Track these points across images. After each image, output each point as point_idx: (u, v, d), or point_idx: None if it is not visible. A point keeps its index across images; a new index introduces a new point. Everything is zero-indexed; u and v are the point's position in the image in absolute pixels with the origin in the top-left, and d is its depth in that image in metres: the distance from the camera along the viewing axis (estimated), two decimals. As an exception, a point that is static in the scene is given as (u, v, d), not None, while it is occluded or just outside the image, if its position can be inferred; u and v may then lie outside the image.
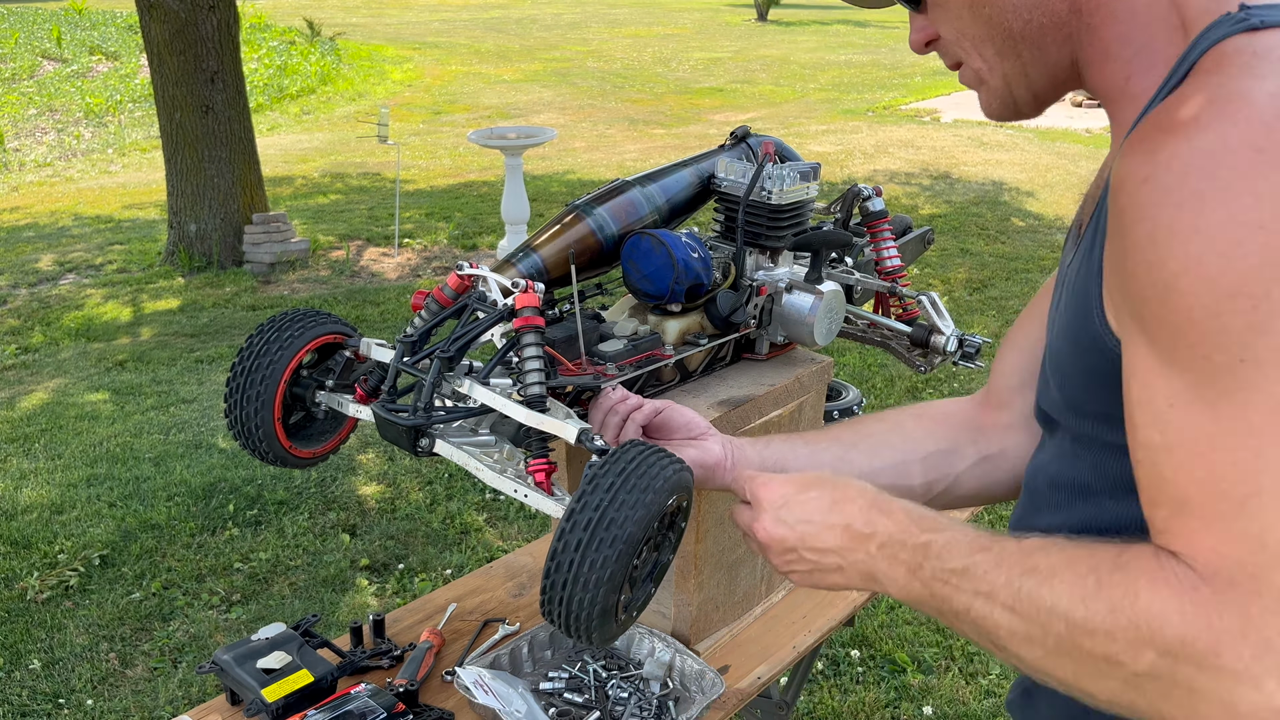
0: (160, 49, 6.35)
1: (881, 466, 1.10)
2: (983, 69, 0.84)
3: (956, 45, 0.84)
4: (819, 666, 2.83)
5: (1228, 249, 0.61)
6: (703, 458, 1.12)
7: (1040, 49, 0.80)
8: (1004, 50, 0.81)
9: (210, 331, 5.62)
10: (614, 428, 1.14)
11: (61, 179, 10.06)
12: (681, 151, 9.82)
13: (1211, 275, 0.61)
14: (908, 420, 1.15)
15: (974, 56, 0.83)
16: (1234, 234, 0.61)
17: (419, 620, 1.55)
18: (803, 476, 0.93)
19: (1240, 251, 0.60)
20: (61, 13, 19.57)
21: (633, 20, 23.76)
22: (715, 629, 1.49)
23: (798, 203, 1.37)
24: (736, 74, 15.96)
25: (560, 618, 0.96)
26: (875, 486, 0.90)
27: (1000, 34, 0.80)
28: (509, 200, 6.31)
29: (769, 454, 1.13)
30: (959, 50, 0.84)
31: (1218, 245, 0.61)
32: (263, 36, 17.17)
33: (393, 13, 24.24)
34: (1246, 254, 0.60)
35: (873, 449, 1.12)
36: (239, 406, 1.18)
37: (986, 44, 0.81)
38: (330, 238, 7.27)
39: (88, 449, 4.11)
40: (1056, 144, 10.27)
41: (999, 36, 0.80)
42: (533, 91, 14.32)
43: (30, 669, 2.81)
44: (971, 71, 0.86)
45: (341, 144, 11.17)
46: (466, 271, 1.15)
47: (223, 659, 1.34)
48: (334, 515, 3.58)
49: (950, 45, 0.85)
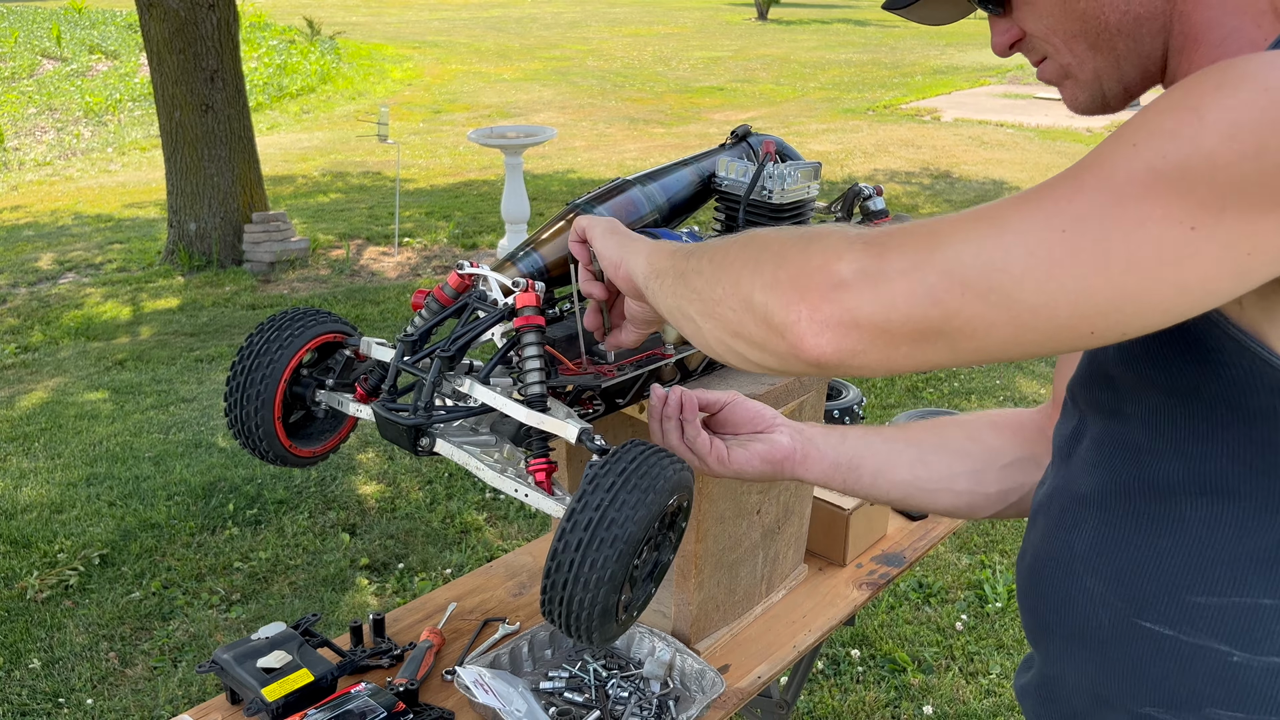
0: (160, 48, 6.34)
1: (961, 471, 1.11)
2: (1072, 64, 0.82)
3: (1045, 42, 0.82)
4: (819, 666, 2.83)
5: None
6: (770, 452, 1.12)
7: (1136, 40, 0.78)
8: (1098, 43, 0.79)
9: (210, 330, 5.62)
10: (674, 434, 1.14)
11: (61, 178, 10.06)
12: (682, 150, 9.82)
13: None
14: (985, 429, 1.14)
15: (1063, 52, 0.81)
16: None
17: (419, 620, 1.55)
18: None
19: None
20: (61, 12, 19.56)
21: (633, 19, 23.76)
22: (715, 628, 1.48)
23: (798, 202, 1.37)
24: (737, 73, 15.96)
25: (560, 617, 0.96)
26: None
27: (1095, 27, 0.78)
28: (509, 199, 6.30)
29: (844, 449, 1.13)
30: (1046, 46, 0.82)
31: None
32: (262, 35, 17.17)
33: (393, 11, 24.24)
34: None
35: (952, 454, 1.12)
36: (239, 405, 1.18)
37: (1079, 39, 0.79)
38: (330, 237, 7.27)
39: (87, 448, 4.11)
40: (1057, 143, 10.27)
41: (1093, 30, 0.78)
42: (533, 90, 14.32)
43: (30, 668, 2.81)
44: (1058, 67, 0.83)
45: (341, 143, 11.17)
46: (467, 270, 1.15)
47: (222, 658, 1.34)
48: (334, 514, 3.58)
49: (1037, 42, 0.83)
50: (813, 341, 0.70)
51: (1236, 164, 0.60)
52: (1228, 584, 0.74)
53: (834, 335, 0.69)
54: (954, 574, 3.24)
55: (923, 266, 0.66)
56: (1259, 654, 0.74)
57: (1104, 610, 0.81)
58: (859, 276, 0.68)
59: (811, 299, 0.70)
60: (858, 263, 0.68)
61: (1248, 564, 0.74)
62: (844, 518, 1.66)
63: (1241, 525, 0.74)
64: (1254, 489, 0.73)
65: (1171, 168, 0.61)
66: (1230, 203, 0.60)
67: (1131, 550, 0.80)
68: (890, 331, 0.67)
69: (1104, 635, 0.82)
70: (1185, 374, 0.75)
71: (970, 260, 0.65)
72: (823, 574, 1.67)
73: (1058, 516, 0.88)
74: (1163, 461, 0.78)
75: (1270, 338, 0.69)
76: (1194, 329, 0.72)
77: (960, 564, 3.30)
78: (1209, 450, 0.75)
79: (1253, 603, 0.73)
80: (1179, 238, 0.61)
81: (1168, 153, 0.61)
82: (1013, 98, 13.35)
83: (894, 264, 0.67)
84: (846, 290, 0.68)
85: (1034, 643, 0.92)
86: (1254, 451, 0.72)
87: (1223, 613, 0.75)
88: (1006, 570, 3.23)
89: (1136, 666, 0.80)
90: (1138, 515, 0.80)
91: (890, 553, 1.74)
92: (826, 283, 0.69)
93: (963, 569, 3.27)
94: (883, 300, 0.67)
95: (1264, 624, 0.73)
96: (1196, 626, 0.76)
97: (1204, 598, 0.76)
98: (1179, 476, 0.77)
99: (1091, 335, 0.65)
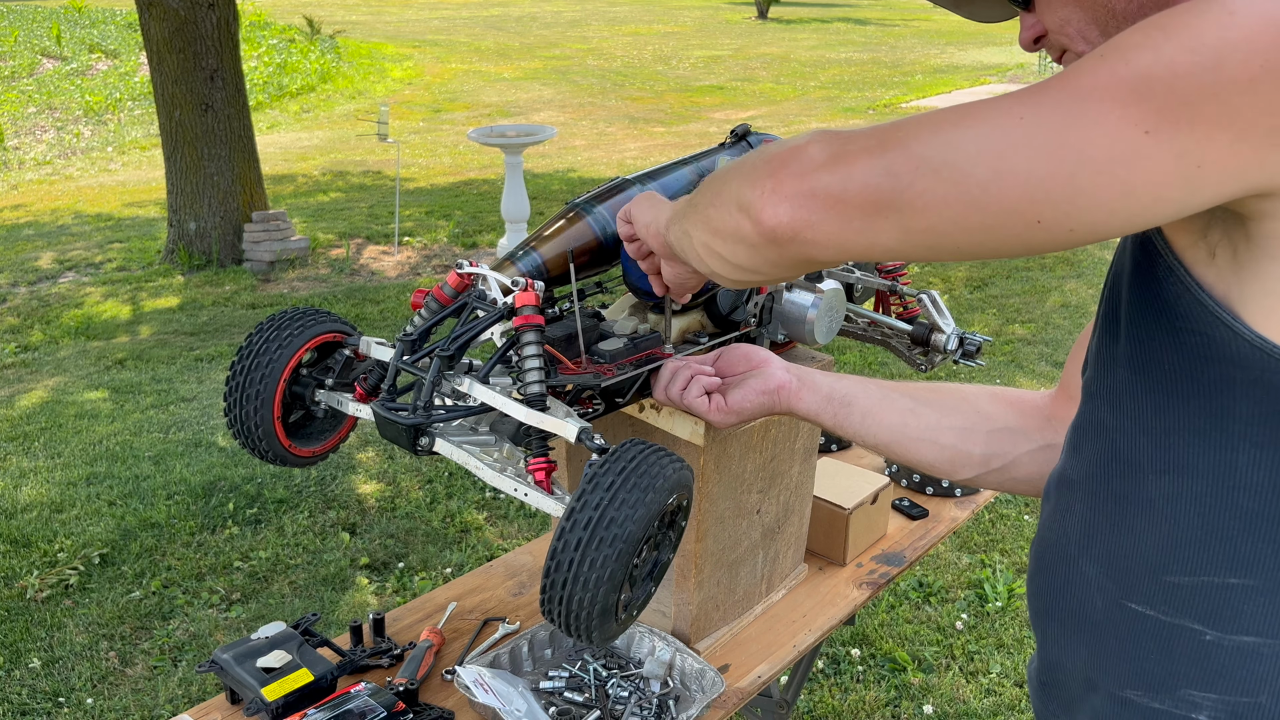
0: (160, 47, 6.34)
1: (949, 425, 1.13)
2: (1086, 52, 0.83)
3: (1061, 35, 0.83)
4: (819, 665, 2.83)
5: None
6: (765, 384, 1.18)
7: None
8: (1109, 31, 0.80)
9: (210, 330, 5.62)
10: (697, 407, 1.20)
11: (61, 177, 10.06)
12: (682, 149, 9.82)
13: None
14: (983, 396, 1.17)
15: (1079, 41, 0.82)
16: None
17: (419, 619, 1.55)
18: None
19: None
20: (61, 11, 19.55)
21: (633, 18, 23.75)
22: (715, 628, 1.48)
23: (798, 201, 1.37)
24: (737, 72, 15.95)
25: (560, 617, 0.96)
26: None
27: (1104, 14, 0.79)
28: (509, 198, 6.30)
29: (839, 385, 1.18)
30: (1063, 39, 0.83)
31: None
32: (262, 34, 17.16)
33: (393, 10, 24.24)
34: None
35: (944, 409, 1.15)
36: (238, 405, 1.17)
37: (1092, 27, 0.80)
38: (330, 236, 7.26)
39: (87, 447, 4.10)
40: (1057, 142, 10.25)
41: (1104, 17, 0.79)
42: (533, 89, 14.32)
43: (30, 667, 2.81)
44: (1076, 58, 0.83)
45: (341, 142, 11.17)
46: (466, 270, 1.15)
47: (222, 658, 1.34)
48: (334, 514, 3.58)
49: (1055, 37, 0.84)
50: (770, 212, 0.74)
51: (1195, 75, 0.62)
52: (1197, 563, 0.75)
53: (790, 205, 0.73)
54: (954, 573, 3.24)
55: (885, 144, 0.70)
56: (1229, 633, 0.74)
57: (1098, 594, 0.82)
58: (825, 155, 0.73)
59: (779, 175, 0.74)
60: (828, 147, 0.73)
61: (1212, 542, 0.75)
62: (844, 517, 1.66)
63: (1201, 501, 0.75)
64: (1212, 464, 0.74)
65: (1132, 74, 0.63)
66: (1185, 113, 0.62)
67: (1114, 532, 0.81)
68: (845, 201, 0.71)
69: (1098, 619, 0.83)
70: (1151, 344, 0.76)
71: (929, 138, 0.69)
72: (823, 573, 1.67)
73: (1055, 501, 0.90)
74: (1128, 439, 0.79)
75: (1236, 304, 0.70)
76: (1165, 294, 0.74)
77: (960, 563, 3.30)
78: (1169, 424, 0.76)
79: (1221, 582, 0.74)
80: (1133, 139, 0.63)
81: (1130, 59, 0.64)
82: (1013, 97, 13.33)
83: (858, 143, 0.72)
84: (812, 166, 0.73)
85: (1036, 628, 0.93)
86: (1212, 424, 0.73)
87: (1195, 592, 0.76)
88: (1007, 570, 3.23)
89: (1123, 649, 0.81)
90: (1115, 496, 0.81)
91: (890, 552, 1.74)
92: (795, 162, 0.74)
93: (963, 568, 3.27)
94: (840, 173, 0.71)
95: (1232, 603, 0.74)
96: (1174, 606, 0.77)
97: (1178, 577, 0.76)
98: (1145, 454, 0.78)
99: (1039, 225, 0.67)
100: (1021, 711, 2.65)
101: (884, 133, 0.71)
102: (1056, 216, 0.66)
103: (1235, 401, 0.71)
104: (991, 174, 0.66)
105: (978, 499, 1.93)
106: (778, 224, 0.74)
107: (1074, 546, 0.85)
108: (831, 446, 1.98)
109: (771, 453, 1.42)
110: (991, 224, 0.68)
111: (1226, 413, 0.72)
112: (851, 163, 0.71)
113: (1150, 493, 0.78)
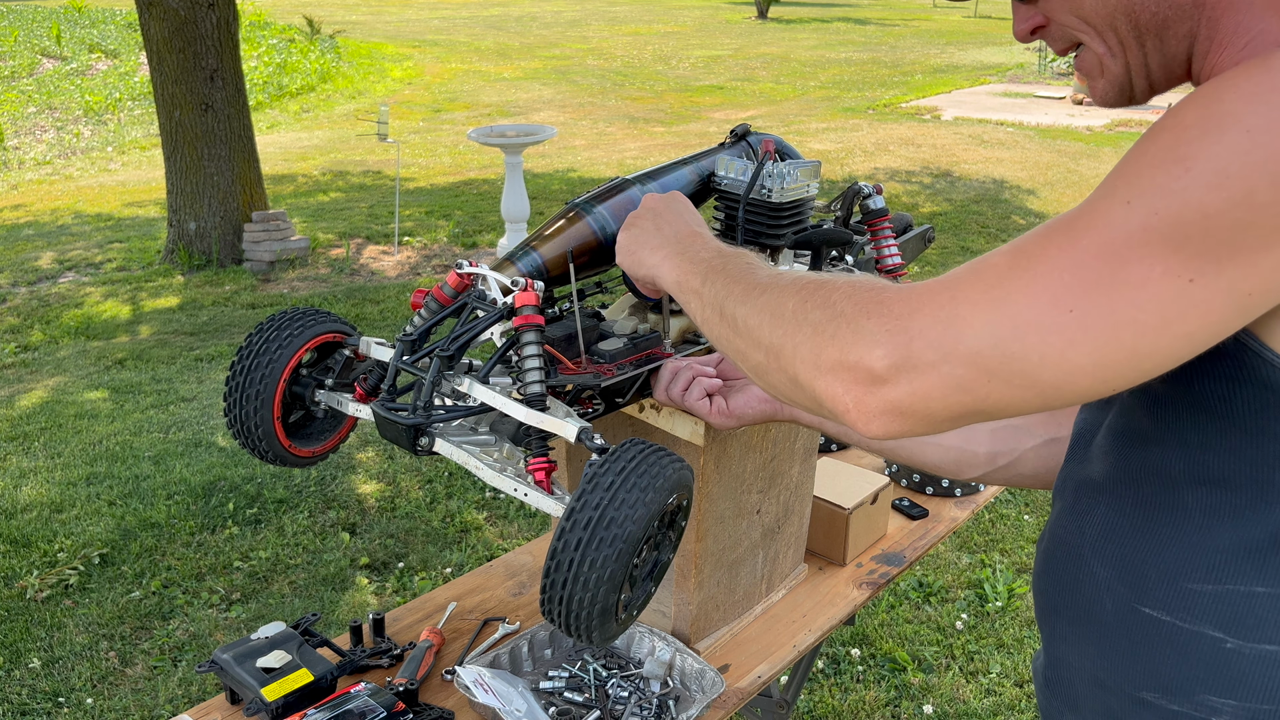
0: (159, 47, 6.34)
1: None
2: (1105, 55, 0.82)
3: (1075, 32, 0.83)
4: (819, 665, 2.83)
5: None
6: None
7: (1161, 40, 0.79)
8: (1128, 39, 0.80)
9: (210, 330, 5.62)
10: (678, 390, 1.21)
11: (61, 177, 10.06)
12: (681, 149, 9.82)
13: None
14: None
15: (1096, 42, 0.82)
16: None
17: (419, 619, 1.55)
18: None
19: None
20: (61, 10, 19.55)
21: (633, 18, 23.75)
22: (715, 628, 1.48)
23: (798, 201, 1.37)
24: (736, 72, 15.95)
25: (560, 617, 0.96)
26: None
27: (1126, 23, 0.79)
28: (509, 198, 6.30)
29: None
30: (1075, 35, 0.83)
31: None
32: (262, 34, 17.16)
33: (392, 10, 24.23)
34: None
35: None
36: (238, 405, 1.17)
37: (1110, 33, 0.80)
38: (330, 236, 7.26)
39: (87, 447, 4.10)
40: (1057, 142, 10.26)
41: (1124, 25, 0.79)
42: (533, 89, 14.32)
43: (30, 667, 2.81)
44: (1093, 57, 0.84)
45: (341, 142, 11.17)
46: (466, 270, 1.15)
47: (222, 658, 1.34)
48: (334, 514, 3.58)
49: (1065, 31, 0.84)
50: (865, 428, 0.76)
51: (1227, 212, 0.62)
52: (1223, 571, 0.76)
53: (883, 422, 0.75)
54: (954, 573, 3.24)
55: (949, 358, 0.70)
56: (1252, 641, 0.75)
57: (1108, 596, 0.83)
58: (892, 371, 0.73)
59: (855, 393, 0.75)
60: (888, 357, 0.73)
61: (1243, 553, 0.75)
62: (844, 517, 1.66)
63: (1238, 514, 0.75)
64: (1249, 480, 0.74)
65: (1165, 223, 0.63)
66: (1226, 250, 0.63)
67: (1137, 537, 0.81)
68: (931, 415, 0.73)
69: (1106, 620, 0.83)
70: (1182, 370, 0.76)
71: (989, 350, 0.69)
72: (823, 573, 1.67)
73: (1071, 502, 0.90)
74: (1166, 450, 0.80)
75: (1263, 333, 0.71)
76: None
77: (960, 563, 3.30)
78: (1206, 440, 0.76)
79: (1247, 590, 0.75)
80: (1180, 292, 0.64)
81: (1159, 209, 0.64)
82: (1012, 96, 13.34)
83: (921, 355, 0.71)
84: (883, 384, 0.73)
85: (1042, 625, 0.93)
86: (1247, 443, 0.74)
87: (1218, 600, 0.76)
88: (1006, 570, 3.23)
89: (1135, 651, 0.81)
90: (1143, 503, 0.81)
91: (890, 552, 1.74)
92: (865, 377, 0.74)
93: (963, 568, 3.27)
94: (918, 393, 0.72)
95: (1256, 612, 0.75)
96: (1193, 613, 0.77)
97: (1200, 585, 0.77)
98: (1181, 465, 0.78)
99: (1110, 388, 0.70)
100: (1021, 711, 2.65)
101: (939, 331, 0.71)
102: (1125, 379, 0.69)
103: (1270, 422, 0.73)
104: (1059, 374, 0.68)
105: (977, 499, 1.93)
106: (877, 437, 0.76)
107: (1087, 547, 0.85)
108: (831, 446, 1.98)
109: (771, 453, 1.42)
110: (1071, 402, 0.72)
111: (1262, 432, 0.73)
112: (924, 381, 0.72)
113: (1186, 502, 0.78)
